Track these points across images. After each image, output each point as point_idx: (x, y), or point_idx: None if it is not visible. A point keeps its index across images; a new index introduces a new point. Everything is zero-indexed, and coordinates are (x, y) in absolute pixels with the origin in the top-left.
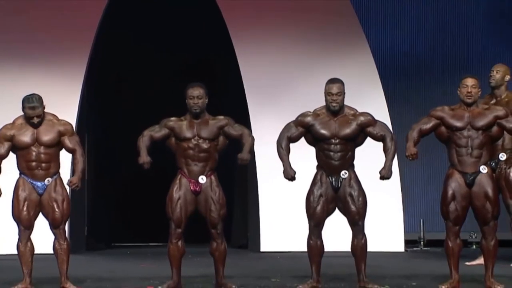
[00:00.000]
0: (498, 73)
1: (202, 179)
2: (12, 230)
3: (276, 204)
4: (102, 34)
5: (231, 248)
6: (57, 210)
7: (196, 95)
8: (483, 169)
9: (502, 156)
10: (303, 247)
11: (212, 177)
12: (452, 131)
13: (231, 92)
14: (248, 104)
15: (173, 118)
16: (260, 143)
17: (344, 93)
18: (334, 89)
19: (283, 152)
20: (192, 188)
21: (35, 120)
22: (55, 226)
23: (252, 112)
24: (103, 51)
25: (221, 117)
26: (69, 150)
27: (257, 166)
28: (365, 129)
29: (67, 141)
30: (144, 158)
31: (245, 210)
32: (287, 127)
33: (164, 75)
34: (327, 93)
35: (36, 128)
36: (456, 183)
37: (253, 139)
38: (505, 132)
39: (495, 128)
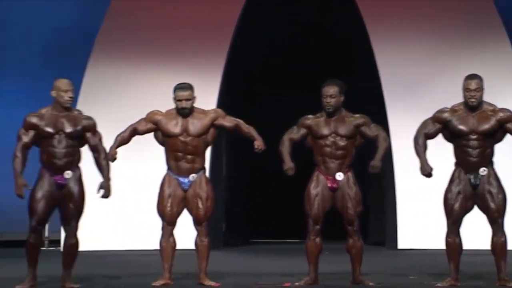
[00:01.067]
0: None
1: (339, 176)
2: (156, 226)
3: (414, 201)
4: (240, 34)
5: (368, 245)
6: (200, 207)
7: (330, 93)
8: (483, 171)
9: (483, 172)
10: (441, 245)
11: (349, 174)
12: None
13: (368, 88)
14: (385, 100)
15: (310, 116)
16: (397, 138)
17: (483, 89)
18: (473, 84)
19: (420, 148)
20: (329, 185)
21: (184, 104)
22: (198, 223)
23: (389, 108)
24: (240, 51)
25: (359, 115)
26: (230, 129)
27: (394, 162)
28: (505, 125)
29: (223, 121)
30: (288, 164)
31: (382, 206)
32: (424, 123)
33: (301, 74)
34: (465, 89)
35: (185, 118)
36: None
37: (388, 143)
38: None
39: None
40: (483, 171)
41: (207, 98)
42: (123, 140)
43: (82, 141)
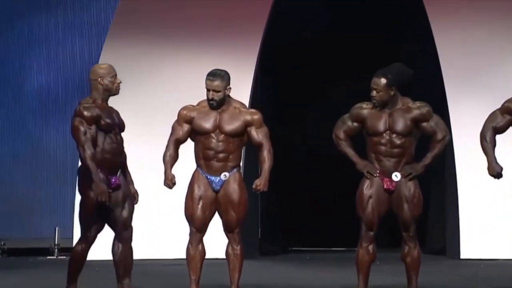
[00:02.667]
0: None
1: (397, 177)
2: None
3: (478, 204)
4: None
5: (426, 254)
6: (232, 211)
7: (375, 87)
8: None
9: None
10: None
11: None
12: None
13: (427, 77)
14: (446, 90)
15: (364, 105)
16: (459, 134)
17: None
18: None
19: (488, 145)
20: (385, 187)
21: (211, 95)
22: (229, 229)
23: (450, 99)
24: (278, 32)
25: (418, 104)
26: (255, 144)
27: (456, 160)
28: None
29: (254, 132)
30: (360, 162)
31: (442, 210)
32: (492, 115)
33: (349, 60)
34: None
35: (216, 110)
36: None
37: (445, 145)
38: None
39: None
40: None
41: (239, 89)
42: (172, 159)
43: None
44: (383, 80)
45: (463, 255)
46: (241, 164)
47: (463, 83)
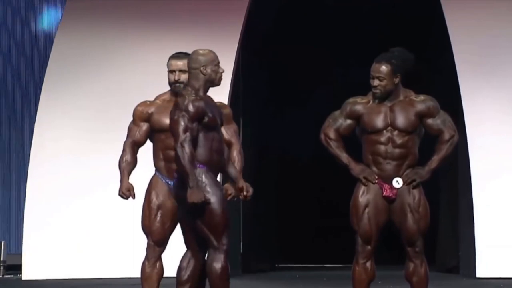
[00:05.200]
0: None
1: (398, 183)
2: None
3: (497, 215)
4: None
5: (436, 272)
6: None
7: (377, 75)
8: None
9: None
10: None
11: None
12: None
13: (440, 70)
14: (460, 85)
15: (359, 100)
16: (475, 134)
17: None
18: None
19: None
20: (384, 194)
21: (177, 75)
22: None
23: (465, 95)
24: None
25: (422, 98)
26: (224, 141)
27: (471, 165)
28: None
29: (222, 129)
30: (355, 166)
31: (455, 222)
32: None
33: (352, 50)
34: None
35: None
36: None
37: (454, 146)
38: None
39: None
40: None
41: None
42: (129, 165)
43: None
44: (388, 66)
45: (479, 274)
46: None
47: (479, 78)
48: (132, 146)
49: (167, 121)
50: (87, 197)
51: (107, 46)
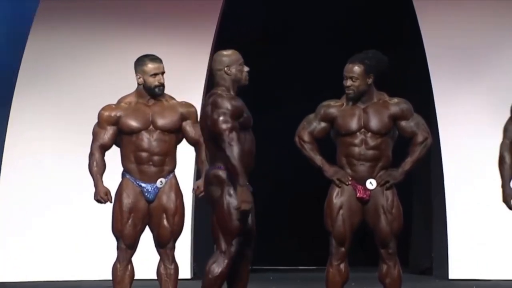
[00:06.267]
0: None
1: (372, 184)
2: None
3: (469, 217)
4: None
5: (409, 274)
6: (166, 223)
7: (350, 75)
8: None
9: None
10: (509, 274)
11: None
12: None
13: (413, 73)
14: (432, 82)
15: (332, 103)
16: (448, 136)
17: None
18: None
19: (506, 170)
20: (358, 195)
21: (162, 79)
22: (161, 244)
23: (437, 92)
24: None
25: (396, 101)
26: (190, 141)
27: (443, 167)
28: None
29: (189, 128)
30: (329, 168)
31: (428, 224)
32: (506, 129)
33: (319, 46)
34: None
35: (152, 104)
36: None
37: (427, 148)
38: None
39: None
40: None
41: (194, 76)
42: (100, 168)
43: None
44: (361, 66)
45: (452, 275)
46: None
47: (451, 75)
48: (100, 149)
49: (136, 122)
50: (59, 199)
51: (81, 47)
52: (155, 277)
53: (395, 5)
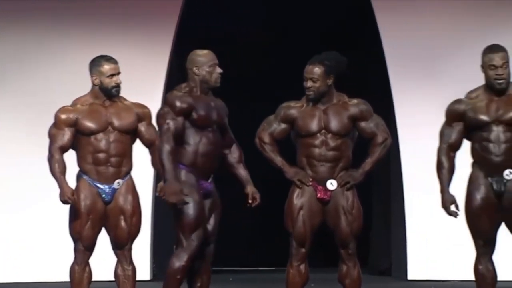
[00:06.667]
0: None
1: (332, 185)
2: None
3: (428, 218)
4: None
5: (368, 275)
6: (123, 224)
7: (311, 76)
8: (509, 174)
9: (509, 175)
10: (468, 275)
11: None
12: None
13: (372, 74)
14: (391, 83)
15: (292, 104)
16: (407, 137)
17: (509, 65)
18: (497, 60)
19: (444, 175)
20: (318, 195)
21: (119, 79)
22: (119, 246)
23: (396, 93)
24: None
25: (356, 102)
26: (145, 142)
27: (402, 168)
28: None
29: (144, 129)
30: (290, 169)
31: (388, 225)
32: (442, 133)
33: (283, 47)
34: (489, 66)
35: (108, 105)
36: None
37: (387, 149)
38: None
39: None
40: (509, 174)
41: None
42: (63, 169)
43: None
44: (321, 68)
45: (410, 276)
46: None
47: (410, 76)
48: (60, 151)
49: (94, 124)
50: (16, 200)
51: (37, 47)
52: (113, 279)
53: (354, 6)
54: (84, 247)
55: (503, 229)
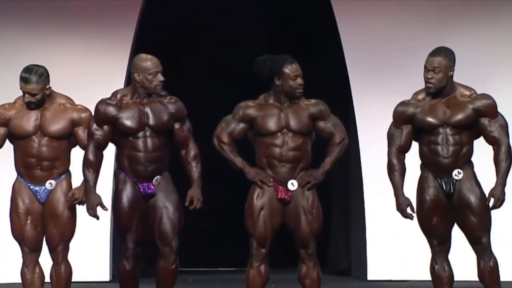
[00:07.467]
0: None
1: (293, 185)
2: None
3: (388, 218)
4: None
5: (328, 275)
6: (53, 226)
7: (300, 73)
8: (458, 174)
9: (458, 175)
10: (424, 275)
11: None
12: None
13: (329, 67)
14: (351, 83)
15: (250, 103)
16: (367, 138)
17: (451, 70)
18: (431, 62)
19: (395, 177)
20: (279, 196)
21: (29, 98)
22: (50, 247)
23: (355, 93)
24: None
25: (313, 101)
26: (83, 147)
27: (362, 169)
28: (481, 119)
29: (82, 134)
30: (250, 169)
31: (347, 225)
32: (390, 136)
33: (241, 46)
34: (424, 67)
35: (36, 109)
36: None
37: (345, 148)
38: None
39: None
40: (457, 174)
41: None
42: None
43: None
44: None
45: (370, 276)
46: None
47: (370, 76)
48: None
49: (25, 127)
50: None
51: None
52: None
53: (315, 9)
54: (28, 248)
55: (459, 229)
